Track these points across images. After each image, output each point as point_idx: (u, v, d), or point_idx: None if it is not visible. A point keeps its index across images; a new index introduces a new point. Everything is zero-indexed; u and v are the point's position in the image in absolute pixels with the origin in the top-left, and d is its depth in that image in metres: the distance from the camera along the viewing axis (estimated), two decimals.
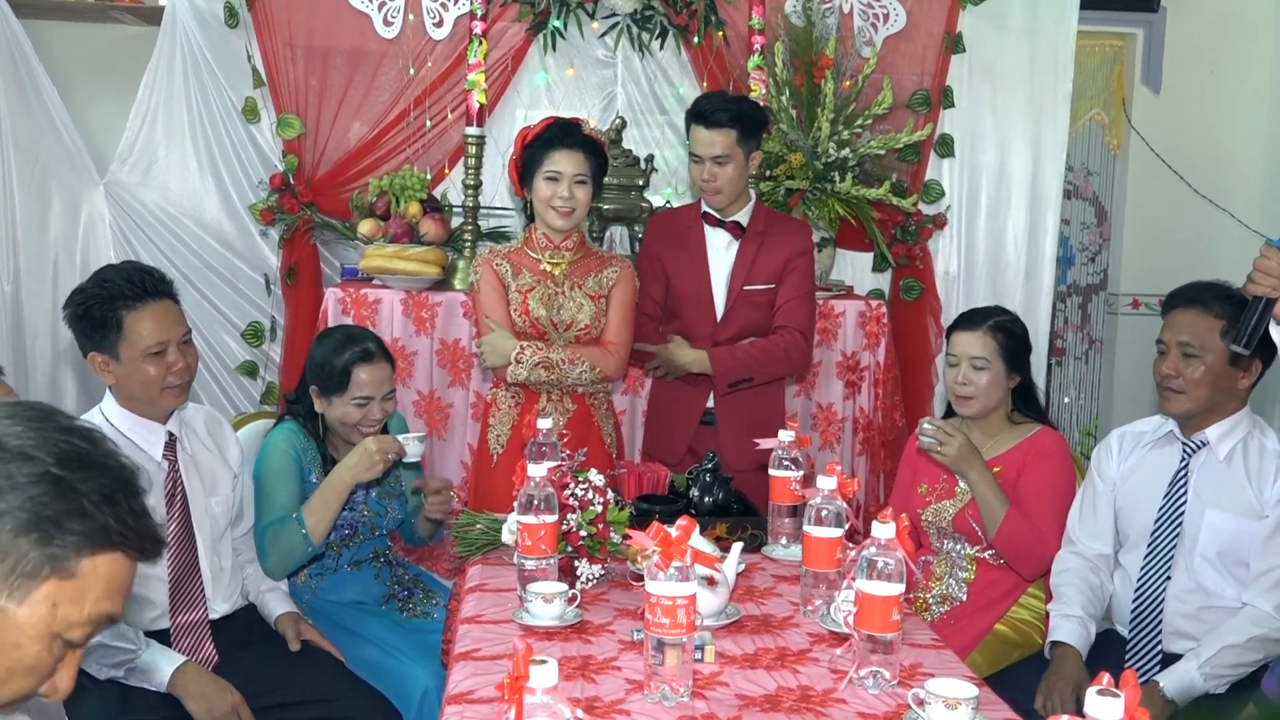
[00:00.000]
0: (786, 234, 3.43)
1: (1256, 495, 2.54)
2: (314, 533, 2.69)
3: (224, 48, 4.19)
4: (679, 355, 3.33)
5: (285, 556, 2.73)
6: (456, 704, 1.87)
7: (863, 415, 4.09)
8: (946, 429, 2.74)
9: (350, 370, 2.80)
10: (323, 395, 2.85)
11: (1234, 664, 2.44)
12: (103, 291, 2.45)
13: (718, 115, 3.25)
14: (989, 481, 2.74)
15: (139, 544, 1.29)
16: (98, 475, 1.26)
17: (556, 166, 3.06)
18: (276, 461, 2.79)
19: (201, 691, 2.39)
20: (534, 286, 3.15)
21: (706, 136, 3.26)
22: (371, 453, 2.70)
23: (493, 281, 3.17)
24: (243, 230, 4.29)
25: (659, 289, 3.39)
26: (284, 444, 2.82)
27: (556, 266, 3.17)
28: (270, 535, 2.72)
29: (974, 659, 2.66)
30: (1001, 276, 4.56)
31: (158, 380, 2.47)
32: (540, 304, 3.13)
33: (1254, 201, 5.26)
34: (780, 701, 1.90)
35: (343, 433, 2.88)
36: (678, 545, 1.85)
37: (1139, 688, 1.39)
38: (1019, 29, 4.47)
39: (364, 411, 2.83)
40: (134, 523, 1.28)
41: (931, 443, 2.74)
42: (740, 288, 3.35)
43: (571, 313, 3.14)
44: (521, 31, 4.25)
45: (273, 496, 2.76)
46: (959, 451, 2.72)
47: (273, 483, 2.77)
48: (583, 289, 3.17)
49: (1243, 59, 5.27)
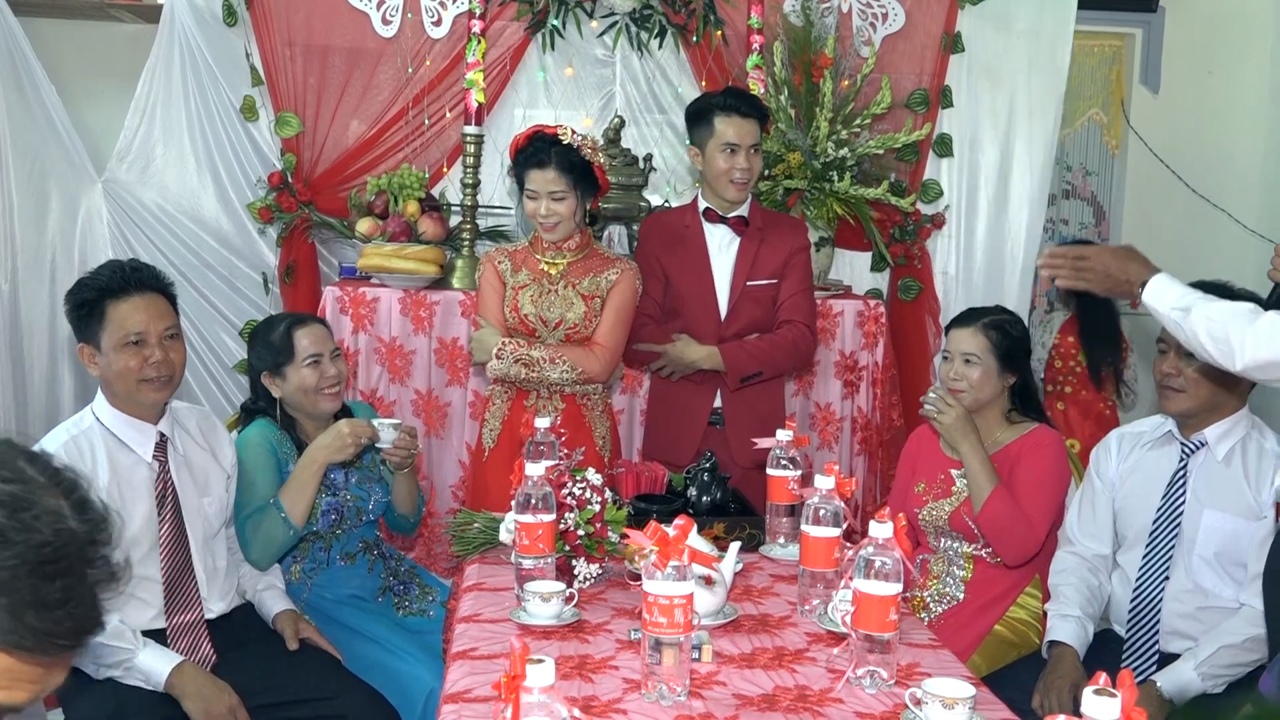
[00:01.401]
0: (785, 230, 3.43)
1: (1255, 496, 2.54)
2: (292, 514, 2.70)
3: (222, 46, 4.18)
4: (689, 352, 3.32)
5: (267, 544, 2.73)
6: (454, 703, 1.87)
7: (861, 415, 4.09)
8: (948, 399, 2.79)
9: (291, 335, 2.84)
10: (275, 374, 2.86)
11: (1231, 664, 2.44)
12: (91, 282, 2.48)
13: (753, 104, 3.30)
14: (980, 457, 2.75)
15: (35, 643, 1.10)
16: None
17: (533, 185, 3.08)
18: (252, 454, 2.80)
19: (199, 691, 2.39)
20: (527, 284, 3.16)
21: (745, 126, 3.26)
22: (344, 434, 2.72)
23: (492, 280, 3.19)
24: (241, 229, 4.29)
25: (658, 289, 3.38)
26: (257, 438, 2.83)
27: (554, 267, 3.18)
28: (251, 525, 2.73)
29: (972, 660, 2.66)
30: (1000, 276, 4.56)
31: (134, 372, 2.46)
32: (530, 302, 3.14)
33: (1252, 201, 5.27)
34: (777, 701, 1.90)
35: (306, 406, 2.87)
36: (675, 544, 1.85)
37: (1136, 687, 1.39)
38: (1018, 29, 4.47)
39: (319, 371, 2.84)
40: (36, 618, 1.09)
41: (931, 409, 2.80)
42: (744, 284, 3.35)
43: (561, 311, 3.14)
44: (520, 30, 4.25)
45: (251, 489, 2.76)
46: (955, 421, 2.76)
47: (250, 475, 2.77)
48: (576, 288, 3.17)
49: (1241, 59, 5.28)
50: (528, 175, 3.08)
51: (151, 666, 2.38)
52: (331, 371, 2.86)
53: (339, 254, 4.35)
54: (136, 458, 2.52)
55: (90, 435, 2.47)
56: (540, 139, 3.10)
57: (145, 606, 2.49)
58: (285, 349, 2.83)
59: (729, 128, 3.25)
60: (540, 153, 3.07)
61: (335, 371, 2.87)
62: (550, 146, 3.08)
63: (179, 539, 2.55)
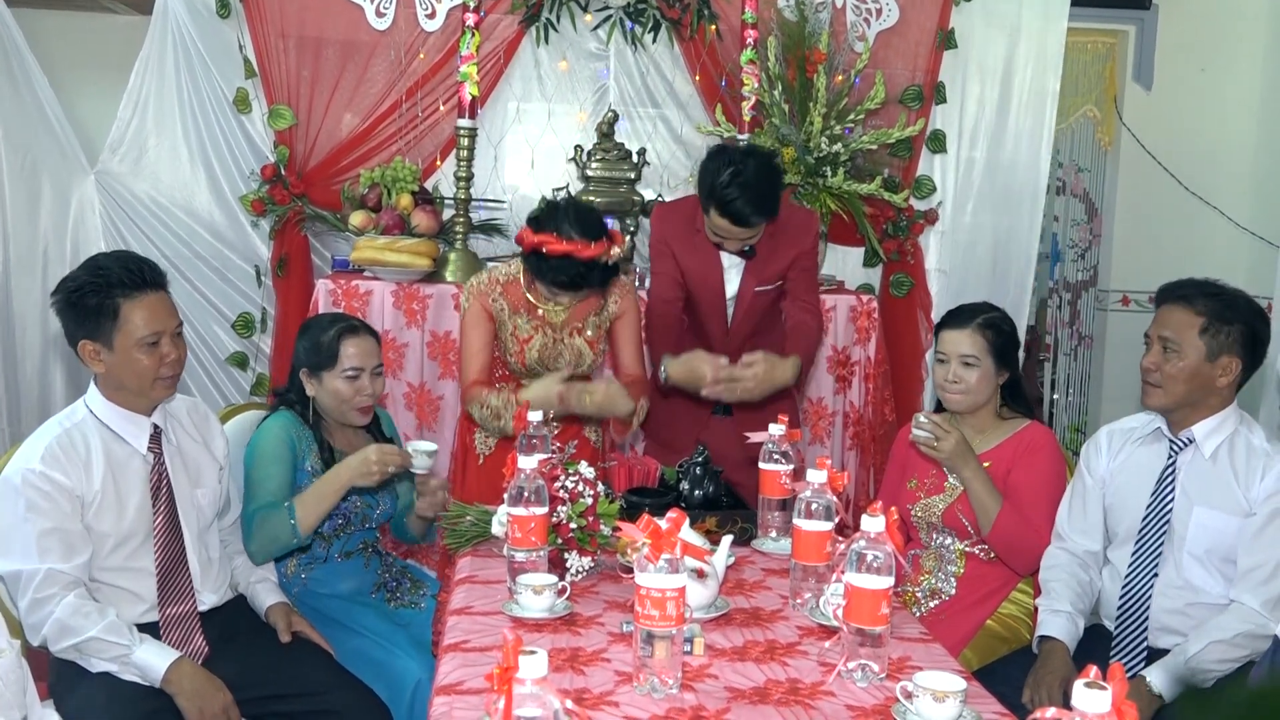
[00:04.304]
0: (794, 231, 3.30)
1: (1244, 493, 2.54)
2: (302, 523, 2.68)
3: (216, 38, 4.18)
4: (779, 373, 3.07)
5: (270, 543, 2.72)
6: (446, 695, 1.88)
7: (853, 410, 4.10)
8: (943, 425, 2.74)
9: (338, 343, 2.82)
10: (313, 375, 2.85)
11: (1221, 659, 2.45)
12: (98, 279, 2.43)
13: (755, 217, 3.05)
14: (983, 479, 2.75)
15: None
16: None
17: (564, 300, 3.01)
18: (271, 447, 2.78)
19: (195, 689, 2.38)
20: (532, 336, 3.09)
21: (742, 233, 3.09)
22: (371, 461, 2.67)
23: (481, 320, 3.08)
24: (233, 221, 4.28)
25: (673, 266, 3.27)
26: (279, 430, 2.81)
27: (557, 315, 3.11)
28: (258, 520, 2.71)
29: (963, 654, 2.67)
30: (992, 272, 4.57)
31: (151, 371, 2.46)
32: (536, 352, 3.10)
33: (1243, 198, 5.29)
34: (769, 694, 1.91)
35: (336, 413, 2.87)
36: (667, 538, 1.86)
37: (1127, 681, 1.40)
38: (1011, 25, 4.49)
39: (355, 386, 2.83)
40: None
41: (927, 437, 2.73)
42: (753, 289, 3.28)
43: (569, 359, 3.12)
44: (514, 24, 4.25)
45: (264, 482, 2.75)
46: (954, 449, 2.72)
47: (264, 468, 2.76)
48: (582, 334, 3.13)
49: (1233, 56, 5.30)
50: (559, 292, 2.97)
51: (148, 662, 2.38)
52: (369, 389, 2.85)
53: (332, 247, 4.34)
54: (131, 450, 2.51)
55: (84, 428, 2.47)
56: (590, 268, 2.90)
57: (138, 600, 2.49)
58: (330, 354, 2.82)
59: (721, 227, 3.09)
60: (586, 281, 2.94)
61: (372, 390, 2.86)
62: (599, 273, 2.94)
63: (173, 531, 2.54)
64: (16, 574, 2.36)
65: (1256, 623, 2.44)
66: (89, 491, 2.41)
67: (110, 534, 2.44)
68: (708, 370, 3.03)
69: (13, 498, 2.36)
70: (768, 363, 3.03)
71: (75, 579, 2.37)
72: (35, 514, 2.34)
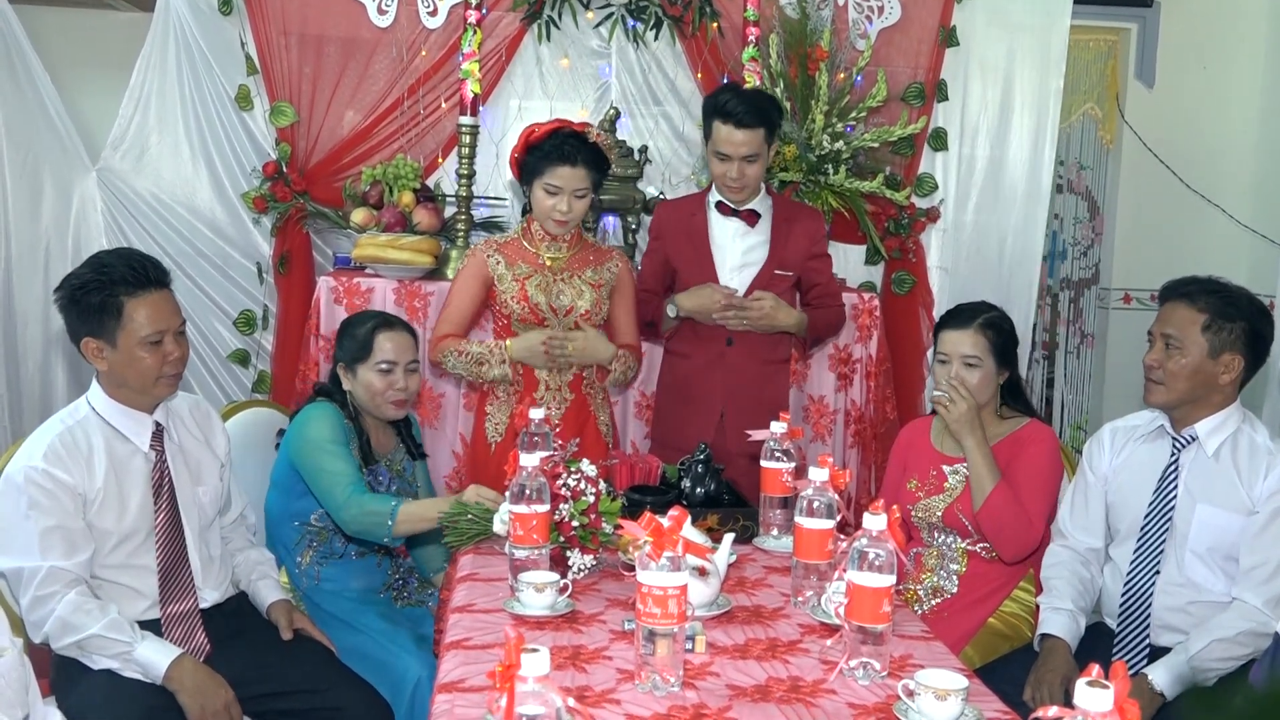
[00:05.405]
0: (806, 222, 3.49)
1: (1247, 491, 2.54)
2: (396, 529, 2.67)
3: (217, 35, 4.18)
4: (783, 315, 3.35)
5: (363, 527, 2.71)
6: (447, 693, 1.88)
7: (854, 408, 4.09)
8: (961, 390, 2.79)
9: (373, 336, 2.88)
10: (349, 368, 2.90)
11: (1223, 657, 2.45)
12: (102, 277, 2.43)
13: (749, 116, 3.21)
14: (984, 451, 2.76)
15: None
16: None
17: (557, 181, 3.06)
18: (326, 430, 2.80)
19: (197, 686, 2.38)
20: (532, 274, 3.17)
21: (739, 137, 3.23)
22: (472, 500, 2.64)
23: (476, 274, 3.20)
24: (235, 218, 4.28)
25: (657, 263, 3.47)
26: (322, 415, 2.84)
27: (555, 260, 3.19)
28: (364, 503, 2.69)
29: (965, 652, 2.67)
30: (994, 270, 4.56)
31: (154, 369, 2.46)
32: (539, 290, 3.15)
33: (1245, 196, 5.28)
34: (770, 692, 1.91)
35: (370, 406, 2.91)
36: (669, 536, 1.85)
37: (1129, 679, 1.40)
38: (1014, 23, 4.48)
39: (388, 380, 2.87)
40: None
41: (942, 396, 2.80)
42: (773, 271, 3.40)
43: (571, 298, 3.17)
44: (516, 21, 4.24)
45: (340, 460, 2.76)
46: (965, 414, 2.77)
47: (335, 447, 2.77)
48: (582, 278, 3.20)
49: (1235, 54, 5.29)
50: (552, 170, 3.05)
51: (151, 659, 2.38)
52: (401, 384, 2.89)
53: (333, 244, 4.34)
54: (133, 447, 2.52)
55: (86, 425, 2.47)
56: (571, 136, 3.08)
57: (140, 597, 2.49)
58: (365, 347, 2.88)
59: (722, 136, 3.25)
60: (572, 151, 3.05)
61: (404, 385, 2.90)
62: (582, 144, 3.07)
63: (174, 528, 2.55)
64: (18, 571, 2.36)
65: (1258, 621, 2.44)
66: (91, 489, 2.42)
67: (112, 531, 2.44)
68: (719, 296, 3.30)
69: (15, 495, 2.36)
70: (775, 301, 3.33)
71: (77, 576, 2.37)
72: (37, 511, 2.35)
